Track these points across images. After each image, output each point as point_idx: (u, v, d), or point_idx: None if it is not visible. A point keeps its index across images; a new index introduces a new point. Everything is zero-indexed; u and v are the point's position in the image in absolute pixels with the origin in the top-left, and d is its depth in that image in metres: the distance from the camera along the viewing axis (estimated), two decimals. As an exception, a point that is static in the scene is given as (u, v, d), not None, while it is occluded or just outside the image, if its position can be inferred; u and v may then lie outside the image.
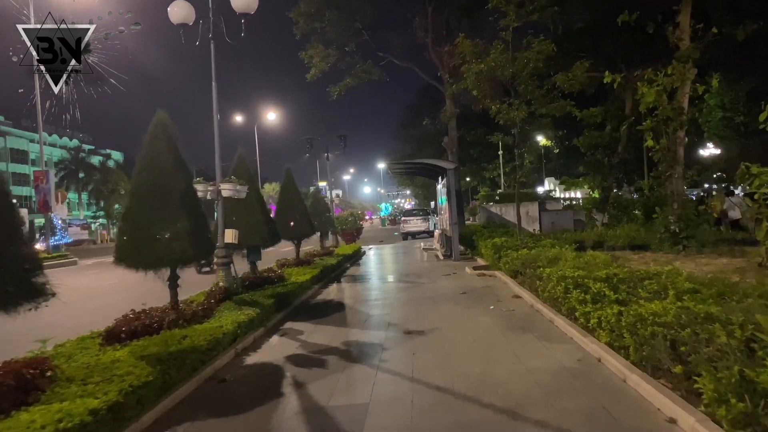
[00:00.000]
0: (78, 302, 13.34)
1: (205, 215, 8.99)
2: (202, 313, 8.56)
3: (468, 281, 12.93)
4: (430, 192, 72.38)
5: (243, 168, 12.45)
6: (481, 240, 17.33)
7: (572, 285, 7.75)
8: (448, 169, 17.66)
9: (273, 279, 12.40)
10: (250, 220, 12.05)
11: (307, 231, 16.36)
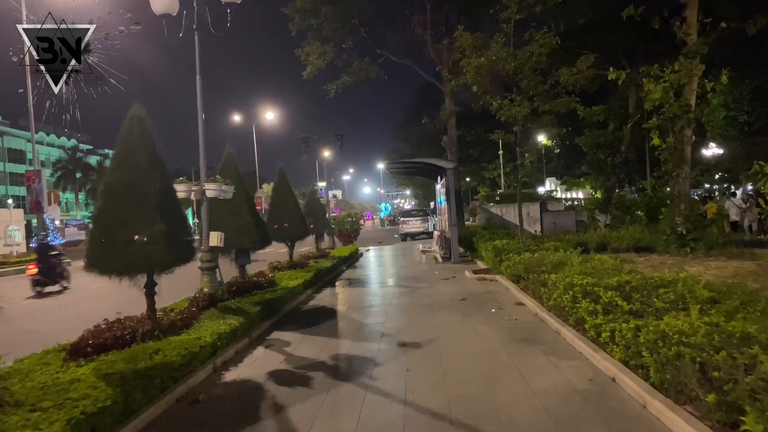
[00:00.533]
0: (64, 307, 12.77)
1: (185, 217, 8.38)
2: (181, 323, 7.95)
3: (468, 286, 12.32)
4: (429, 192, 71.70)
5: (231, 167, 11.84)
6: (482, 242, 16.73)
7: (581, 294, 7.14)
8: (447, 169, 17.04)
9: (263, 284, 11.79)
10: (239, 222, 11.44)
11: (300, 233, 15.75)
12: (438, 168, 18.72)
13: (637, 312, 6.28)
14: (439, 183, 20.67)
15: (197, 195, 10.08)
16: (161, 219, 7.47)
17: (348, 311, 10.32)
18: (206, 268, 10.14)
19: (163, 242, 7.38)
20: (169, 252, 7.48)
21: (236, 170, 11.87)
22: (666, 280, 7.15)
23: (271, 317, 9.78)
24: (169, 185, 8.05)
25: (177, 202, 8.18)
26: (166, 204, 7.73)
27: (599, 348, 6.11)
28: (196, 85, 10.29)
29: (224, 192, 10.24)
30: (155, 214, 7.43)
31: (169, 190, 7.98)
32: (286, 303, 11.03)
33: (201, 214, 10.57)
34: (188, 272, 9.54)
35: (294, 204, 15.84)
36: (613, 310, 6.48)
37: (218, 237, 10.13)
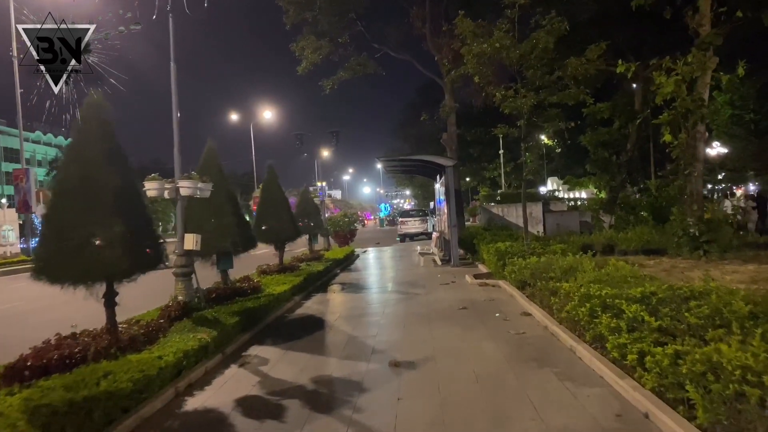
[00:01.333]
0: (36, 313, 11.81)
1: (150, 218, 7.45)
2: (145, 338, 7.03)
3: (468, 292, 11.38)
4: (429, 192, 70.71)
5: (212, 163, 10.92)
6: (483, 244, 15.80)
7: (599, 306, 6.21)
8: (447, 167, 16.11)
9: (246, 290, 10.86)
10: (220, 223, 10.51)
11: (290, 234, 14.80)
12: (437, 166, 17.79)
13: (666, 330, 5.36)
14: (438, 182, 19.73)
15: (171, 193, 9.15)
16: (121, 220, 6.55)
17: (337, 321, 9.38)
18: (181, 273, 9.22)
19: (123, 246, 6.46)
20: (129, 257, 6.55)
21: (218, 167, 10.96)
22: (696, 291, 6.21)
23: (251, 329, 8.84)
24: (132, 182, 7.12)
25: (141, 201, 7.25)
26: (127, 203, 6.81)
27: (625, 373, 5.18)
28: (171, 72, 9.36)
29: (201, 190, 9.32)
30: (114, 214, 6.51)
31: (132, 187, 7.05)
32: (270, 312, 10.09)
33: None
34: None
35: (284, 204, 14.91)
36: (638, 326, 5.56)
37: (194, 239, 9.20)
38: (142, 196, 7.31)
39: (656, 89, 14.61)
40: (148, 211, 7.39)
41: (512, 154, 54.11)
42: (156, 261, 7.18)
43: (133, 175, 7.28)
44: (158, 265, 7.23)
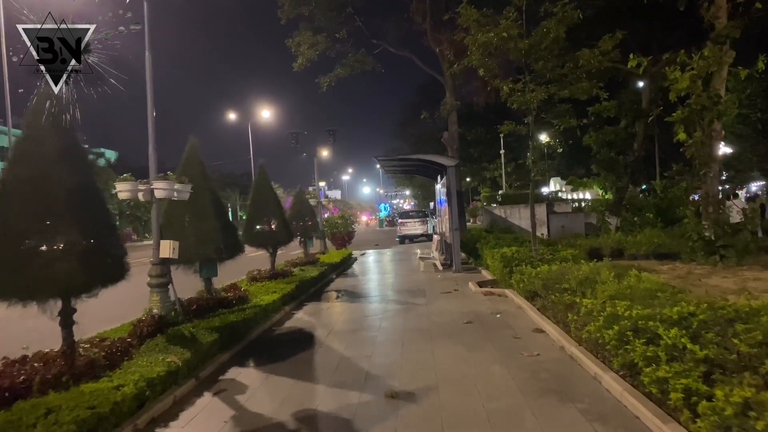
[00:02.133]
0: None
1: (114, 224, 6.58)
2: (106, 361, 6.15)
3: (473, 303, 10.49)
4: (429, 192, 69.78)
5: (194, 162, 10.04)
6: (487, 248, 14.92)
7: (630, 330, 5.33)
8: (448, 167, 15.23)
9: (231, 301, 9.99)
10: (202, 227, 9.65)
11: (282, 237, 13.93)
12: (438, 166, 16.91)
13: (713, 360, 4.50)
14: (439, 182, 18.85)
15: (146, 195, 8.28)
16: (77, 226, 5.70)
17: (329, 338, 8.49)
18: (156, 284, 8.34)
19: (79, 257, 5.60)
20: (87, 270, 5.69)
21: (200, 166, 10.09)
22: (742, 311, 5.34)
23: (232, 346, 7.95)
24: (92, 182, 6.24)
25: (102, 205, 6.37)
26: (86, 206, 5.94)
27: (669, 417, 4.30)
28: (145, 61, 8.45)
29: (178, 192, 8.44)
30: (69, 219, 5.66)
31: (91, 188, 6.17)
32: (256, 325, 9.20)
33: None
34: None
35: (276, 205, 14.03)
36: (679, 355, 4.70)
37: (170, 246, 8.32)
38: (104, 199, 6.42)
39: (669, 85, 13.75)
40: (111, 216, 6.52)
41: (513, 154, 53.52)
42: (120, 273, 6.31)
43: (94, 175, 6.41)
44: (123, 278, 6.36)
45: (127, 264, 6.40)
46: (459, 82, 25.26)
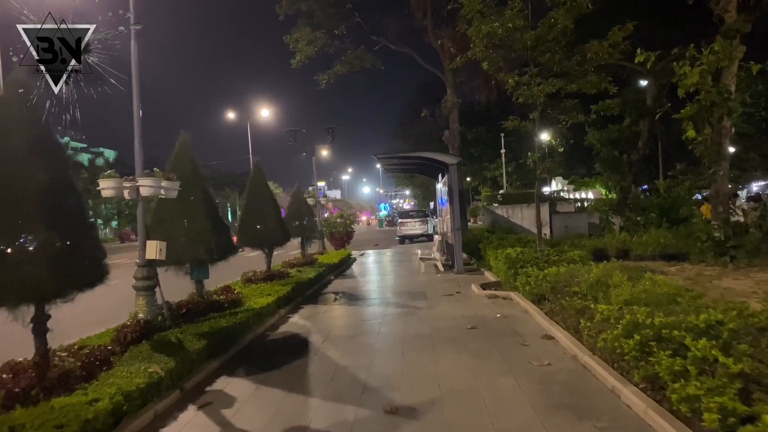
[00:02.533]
0: None
1: (91, 224, 6.11)
2: (83, 371, 5.69)
3: (476, 307, 10.02)
4: (429, 192, 69.30)
5: (185, 158, 9.57)
6: (490, 249, 14.45)
7: (653, 339, 4.87)
8: (450, 165, 14.76)
9: (223, 304, 9.53)
10: (193, 227, 9.19)
11: (278, 237, 13.45)
12: (439, 164, 16.44)
13: (749, 375, 4.04)
14: (440, 181, 18.39)
15: (131, 194, 7.81)
16: (49, 226, 5.23)
17: (325, 344, 8.02)
18: (142, 287, 7.86)
19: (51, 260, 5.14)
20: (59, 274, 5.23)
21: (191, 163, 9.61)
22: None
23: (222, 354, 7.48)
24: (67, 178, 5.77)
25: (78, 202, 5.90)
26: (59, 205, 5.48)
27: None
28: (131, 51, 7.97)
29: (166, 189, 7.97)
30: (39, 219, 5.19)
31: (66, 185, 5.70)
32: (249, 330, 8.73)
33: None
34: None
35: (272, 204, 13.55)
36: (710, 369, 4.24)
37: (157, 247, 7.85)
38: (81, 196, 5.96)
39: (677, 81, 13.30)
40: (88, 215, 6.05)
41: (514, 154, 53.02)
42: (98, 276, 5.84)
43: (70, 171, 5.94)
44: (102, 281, 5.90)
45: (107, 266, 5.95)
46: (460, 79, 24.82)
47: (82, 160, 77.49)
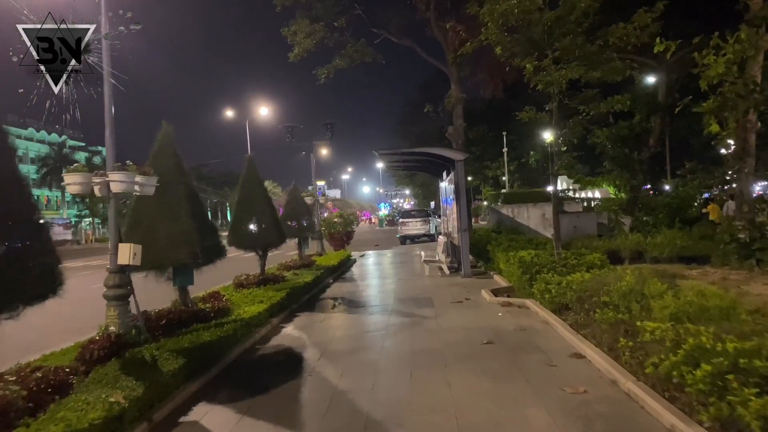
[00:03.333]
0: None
1: (43, 224, 5.17)
2: (28, 402, 4.74)
3: (489, 316, 9.06)
4: (430, 191, 68.19)
5: (167, 152, 8.64)
6: (499, 251, 13.50)
7: (729, 369, 3.92)
8: (457, 161, 13.80)
9: (209, 314, 8.60)
10: (175, 228, 8.24)
11: (273, 238, 12.51)
12: (444, 161, 15.49)
13: None
14: (445, 179, 17.43)
15: (102, 190, 6.86)
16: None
17: (321, 361, 7.06)
18: (113, 296, 6.93)
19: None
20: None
21: (174, 157, 8.68)
22: None
23: (202, 373, 6.53)
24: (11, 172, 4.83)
25: (27, 199, 4.97)
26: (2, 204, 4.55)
27: None
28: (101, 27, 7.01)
29: (141, 186, 7.03)
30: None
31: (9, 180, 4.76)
32: (235, 344, 7.78)
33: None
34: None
35: (266, 203, 12.61)
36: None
37: (131, 251, 6.90)
38: (29, 193, 5.02)
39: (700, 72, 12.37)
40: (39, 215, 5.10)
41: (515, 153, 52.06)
42: (50, 287, 4.91)
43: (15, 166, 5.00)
44: (55, 293, 4.97)
45: (61, 275, 5.01)
46: (464, 73, 23.81)
47: (80, 159, 76.70)
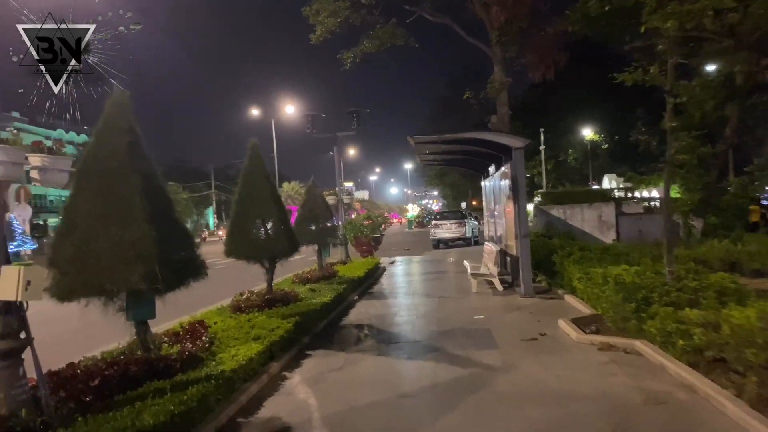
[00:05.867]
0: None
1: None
2: None
3: (590, 370, 6.07)
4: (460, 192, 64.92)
5: (117, 126, 5.88)
6: (571, 264, 10.51)
7: None
8: (515, 149, 10.81)
9: (172, 364, 5.81)
10: (123, 236, 5.50)
11: (281, 248, 9.71)
12: (496, 150, 12.51)
13: None
14: (493, 174, 14.46)
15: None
16: None
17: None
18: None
19: None
20: None
21: (126, 134, 5.90)
22: None
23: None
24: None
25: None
26: None
27: None
28: None
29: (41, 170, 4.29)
30: None
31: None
32: (205, 418, 5.00)
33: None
34: None
35: (273, 201, 9.86)
36: None
37: (19, 279, 4.15)
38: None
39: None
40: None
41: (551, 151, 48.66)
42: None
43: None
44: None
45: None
46: (510, 54, 20.76)
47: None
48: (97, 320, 5.59)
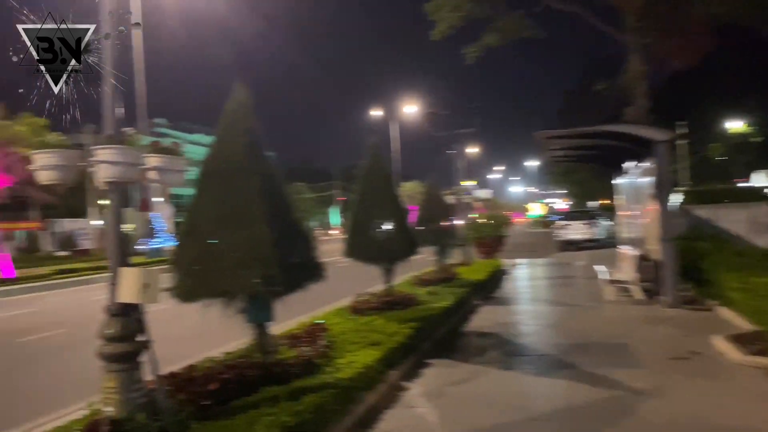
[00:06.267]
0: None
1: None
2: None
3: (757, 399, 5.13)
4: (587, 190, 61.55)
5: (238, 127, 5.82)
6: (727, 272, 9.19)
7: None
8: (659, 143, 9.64)
9: (287, 369, 5.66)
10: (242, 238, 5.45)
11: (398, 250, 9.44)
12: (632, 145, 11.37)
13: None
14: (634, 170, 13.20)
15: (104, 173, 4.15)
16: None
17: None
18: (111, 356, 4.18)
19: None
20: None
21: (246, 135, 5.79)
22: None
23: None
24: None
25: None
26: None
27: None
28: None
29: (161, 172, 4.22)
30: None
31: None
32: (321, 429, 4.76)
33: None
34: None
35: (392, 202, 9.63)
36: None
37: (137, 281, 4.12)
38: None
39: None
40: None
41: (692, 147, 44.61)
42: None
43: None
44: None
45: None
46: (647, 41, 19.04)
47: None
48: (214, 320, 5.54)
